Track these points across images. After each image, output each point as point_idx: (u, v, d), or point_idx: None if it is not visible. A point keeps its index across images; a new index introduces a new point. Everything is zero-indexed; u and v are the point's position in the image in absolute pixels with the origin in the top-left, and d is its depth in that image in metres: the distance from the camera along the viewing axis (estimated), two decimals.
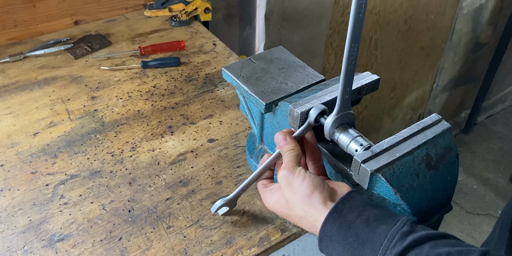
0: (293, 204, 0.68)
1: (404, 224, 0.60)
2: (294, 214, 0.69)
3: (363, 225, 0.61)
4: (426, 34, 2.21)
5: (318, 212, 0.65)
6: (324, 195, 0.66)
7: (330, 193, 0.67)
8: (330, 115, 0.72)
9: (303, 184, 0.67)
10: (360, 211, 0.63)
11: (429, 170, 0.69)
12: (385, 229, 0.60)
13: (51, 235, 0.84)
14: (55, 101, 1.12)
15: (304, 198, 0.67)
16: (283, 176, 0.70)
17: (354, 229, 0.61)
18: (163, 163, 0.98)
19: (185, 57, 1.27)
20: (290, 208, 0.69)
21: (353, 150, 0.70)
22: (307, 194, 0.67)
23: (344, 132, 0.72)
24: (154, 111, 1.10)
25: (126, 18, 1.41)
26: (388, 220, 0.61)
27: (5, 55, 1.24)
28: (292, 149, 0.72)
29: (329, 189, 0.68)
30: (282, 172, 0.70)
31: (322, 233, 0.64)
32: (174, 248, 0.82)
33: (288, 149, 0.72)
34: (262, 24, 1.61)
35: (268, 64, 0.88)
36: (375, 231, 0.60)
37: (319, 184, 0.68)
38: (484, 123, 3.01)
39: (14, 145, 1.01)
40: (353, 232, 0.61)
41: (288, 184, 0.69)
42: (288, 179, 0.69)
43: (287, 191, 0.69)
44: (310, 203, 0.66)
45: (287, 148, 0.72)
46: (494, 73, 2.63)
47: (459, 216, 2.43)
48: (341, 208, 0.64)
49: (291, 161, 0.71)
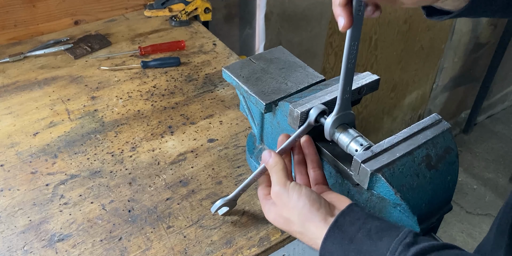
0: (292, 222, 0.67)
1: (407, 235, 0.58)
2: (294, 231, 0.67)
3: (365, 238, 0.60)
4: (426, 34, 2.21)
5: (318, 229, 0.63)
6: (322, 211, 0.64)
7: (328, 208, 0.65)
8: (330, 115, 0.72)
9: (299, 202, 0.65)
10: (361, 224, 0.61)
11: (429, 170, 0.69)
12: (387, 241, 0.58)
13: (51, 235, 0.84)
14: (55, 101, 1.12)
15: (302, 216, 0.65)
16: (276, 193, 0.68)
17: (356, 243, 0.60)
18: (163, 163, 0.98)
19: (185, 57, 1.27)
20: (290, 226, 0.67)
21: (353, 150, 0.70)
22: (304, 213, 0.65)
23: (344, 132, 0.72)
24: (154, 111, 1.10)
25: (126, 18, 1.41)
26: (390, 232, 0.59)
27: (5, 55, 1.24)
28: (276, 163, 0.70)
29: (327, 204, 0.66)
30: (275, 188, 0.68)
31: (323, 250, 0.62)
32: (174, 248, 0.82)
33: (274, 165, 0.70)
34: (262, 24, 1.61)
35: (268, 64, 0.88)
36: (377, 244, 0.58)
37: (316, 200, 0.65)
38: (484, 123, 3.01)
39: (14, 145, 1.01)
40: (355, 246, 0.59)
41: (283, 203, 0.67)
42: (283, 197, 0.67)
43: (283, 210, 0.67)
44: (309, 221, 0.64)
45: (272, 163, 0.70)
46: (494, 73, 2.63)
47: (459, 216, 2.43)
48: (341, 223, 0.62)
49: (281, 177, 0.69)
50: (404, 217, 0.69)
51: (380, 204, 0.70)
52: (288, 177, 0.69)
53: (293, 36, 1.77)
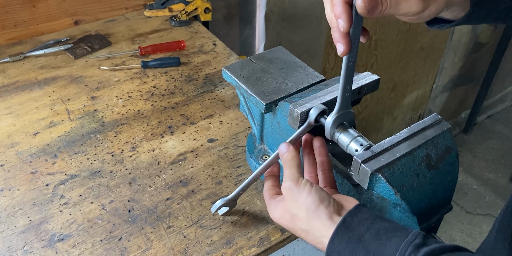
0: (298, 219, 0.66)
1: (416, 236, 0.57)
2: (299, 229, 0.66)
3: (373, 239, 0.59)
4: (426, 34, 2.21)
5: (324, 227, 0.63)
6: (330, 209, 0.64)
7: (336, 208, 0.65)
8: (331, 114, 0.72)
9: (309, 198, 0.65)
10: (370, 224, 0.60)
11: (429, 170, 0.69)
12: (396, 241, 0.57)
13: (51, 235, 0.84)
14: (55, 101, 1.12)
15: (310, 212, 0.64)
16: (287, 188, 0.67)
17: (364, 242, 0.59)
18: (163, 163, 0.98)
19: (185, 57, 1.27)
20: (295, 223, 0.66)
21: (353, 150, 0.70)
22: (312, 209, 0.64)
23: (344, 132, 0.72)
24: (154, 111, 1.10)
25: (126, 18, 1.41)
26: (399, 233, 0.59)
27: (5, 55, 1.24)
28: (292, 158, 0.70)
29: (336, 203, 0.65)
30: (287, 183, 0.67)
31: (330, 249, 0.61)
32: (174, 248, 0.82)
33: (289, 159, 0.70)
34: (262, 24, 1.61)
35: (268, 64, 0.88)
36: (386, 244, 0.58)
37: (325, 198, 0.65)
38: (484, 123, 3.01)
39: (14, 145, 1.01)
40: (363, 246, 0.59)
41: (293, 198, 0.66)
42: (293, 192, 0.66)
43: (292, 205, 0.66)
44: (316, 218, 0.64)
45: (288, 157, 0.70)
46: (494, 73, 2.63)
47: (459, 216, 2.43)
48: (349, 222, 0.61)
49: (295, 172, 0.68)
50: (404, 217, 0.69)
51: (380, 204, 0.70)
52: (301, 174, 0.69)
53: (293, 36, 1.77)
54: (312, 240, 0.65)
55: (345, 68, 0.66)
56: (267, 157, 0.92)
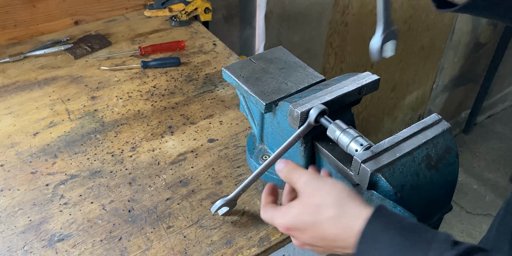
0: (326, 206, 0.61)
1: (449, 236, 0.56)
2: (326, 217, 0.61)
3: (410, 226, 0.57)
4: (426, 34, 2.21)
5: (360, 210, 0.59)
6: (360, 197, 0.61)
7: None
8: (376, 35, 0.69)
9: (337, 184, 0.62)
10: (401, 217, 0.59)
11: (429, 170, 0.69)
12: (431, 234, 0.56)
13: (51, 235, 0.84)
14: (55, 101, 1.12)
15: (341, 198, 0.61)
16: (309, 181, 0.64)
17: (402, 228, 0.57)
18: (163, 163, 0.98)
19: (185, 57, 1.27)
20: (320, 213, 0.61)
21: (353, 150, 0.70)
22: (343, 195, 0.61)
23: (344, 132, 0.72)
24: (154, 111, 1.10)
25: (126, 18, 1.41)
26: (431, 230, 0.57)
27: (5, 55, 1.24)
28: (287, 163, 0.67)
29: None
30: (305, 177, 0.64)
31: (368, 229, 0.57)
32: (174, 248, 0.82)
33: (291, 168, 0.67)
34: (262, 24, 1.61)
35: (268, 64, 0.88)
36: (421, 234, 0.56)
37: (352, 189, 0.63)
38: (484, 123, 3.01)
39: (14, 145, 1.01)
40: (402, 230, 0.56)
41: (317, 188, 0.63)
42: (316, 182, 0.63)
43: (315, 195, 0.62)
44: (351, 201, 0.60)
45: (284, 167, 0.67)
46: (494, 73, 2.63)
47: (459, 216, 2.43)
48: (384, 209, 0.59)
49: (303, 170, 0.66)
50: None
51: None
52: None
53: (293, 36, 1.77)
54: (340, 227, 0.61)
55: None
56: (267, 157, 0.92)
